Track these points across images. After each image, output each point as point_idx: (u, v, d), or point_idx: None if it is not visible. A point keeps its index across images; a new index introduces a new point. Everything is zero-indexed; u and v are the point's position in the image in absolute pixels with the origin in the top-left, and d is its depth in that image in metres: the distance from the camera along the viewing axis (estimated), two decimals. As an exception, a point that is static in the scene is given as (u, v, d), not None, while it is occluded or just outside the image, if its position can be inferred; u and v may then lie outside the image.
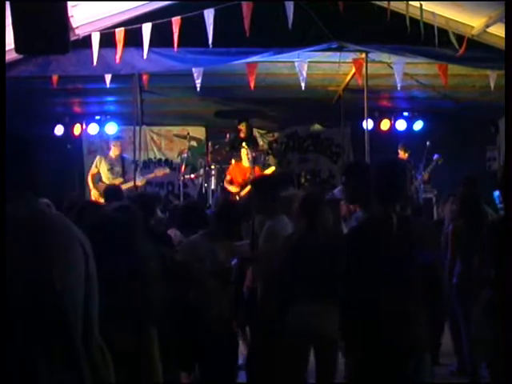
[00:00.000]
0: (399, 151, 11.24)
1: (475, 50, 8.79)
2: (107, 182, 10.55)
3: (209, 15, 7.82)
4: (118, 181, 10.51)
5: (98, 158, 11.12)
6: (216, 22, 7.81)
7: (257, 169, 10.61)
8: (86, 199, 7.27)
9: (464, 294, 5.84)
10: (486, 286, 4.63)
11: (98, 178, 10.76)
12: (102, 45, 8.22)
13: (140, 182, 10.72)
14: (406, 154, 11.22)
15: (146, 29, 8.04)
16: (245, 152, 10.61)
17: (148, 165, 12.83)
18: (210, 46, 7.97)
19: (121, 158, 10.82)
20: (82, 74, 8.94)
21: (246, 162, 10.57)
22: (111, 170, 10.72)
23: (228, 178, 10.79)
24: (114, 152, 10.94)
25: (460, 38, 8.46)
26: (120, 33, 8.17)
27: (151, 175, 11.30)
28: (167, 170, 11.64)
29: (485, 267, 4.41)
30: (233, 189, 10.43)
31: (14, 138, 2.38)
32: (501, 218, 5.09)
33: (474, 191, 6.47)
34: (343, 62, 9.40)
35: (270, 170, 10.79)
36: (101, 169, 10.80)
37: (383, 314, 3.69)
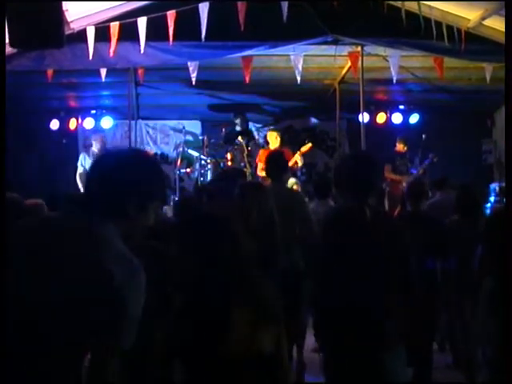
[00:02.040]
0: (398, 144, 11.22)
1: (471, 43, 8.77)
2: None
3: (203, 9, 7.80)
4: None
5: (81, 155, 11.14)
6: (211, 15, 7.79)
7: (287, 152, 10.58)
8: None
9: (459, 288, 5.84)
10: (485, 278, 4.63)
11: (85, 177, 10.70)
12: (97, 39, 8.20)
13: None
14: (405, 148, 11.20)
15: (142, 23, 8.03)
16: (274, 134, 10.49)
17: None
18: (203, 39, 7.95)
19: None
20: (77, 68, 8.92)
21: (274, 143, 10.41)
22: None
23: (260, 166, 10.51)
24: (96, 147, 10.93)
25: (456, 30, 8.45)
26: (115, 27, 8.15)
27: None
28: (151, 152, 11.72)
29: (482, 261, 4.38)
30: None
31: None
32: (501, 209, 5.08)
33: (471, 186, 6.43)
34: (339, 56, 9.38)
35: (306, 147, 10.45)
36: (86, 166, 10.79)
37: (354, 309, 3.69)
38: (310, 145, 10.43)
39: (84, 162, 10.88)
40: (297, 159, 10.11)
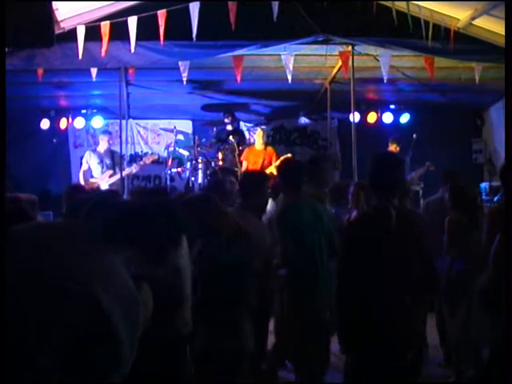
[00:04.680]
0: (390, 145, 11.17)
1: (461, 43, 8.80)
2: (97, 177, 10.58)
3: (194, 8, 7.80)
4: (108, 173, 10.55)
5: (87, 153, 11.13)
6: (202, 15, 7.79)
7: (270, 150, 10.77)
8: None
9: (456, 287, 5.85)
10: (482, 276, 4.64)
11: (89, 174, 10.76)
12: (87, 38, 8.18)
13: (134, 168, 10.76)
14: (398, 149, 11.17)
15: (132, 22, 8.01)
16: (260, 134, 10.88)
17: (135, 158, 12.82)
18: (194, 39, 7.95)
19: (110, 152, 10.82)
20: (68, 67, 8.88)
21: (259, 144, 10.78)
22: (100, 163, 10.73)
23: (245, 164, 10.91)
24: (102, 146, 10.93)
25: (446, 30, 8.49)
26: (105, 26, 8.13)
27: (141, 163, 11.30)
28: (156, 157, 11.69)
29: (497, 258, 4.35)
30: None
31: None
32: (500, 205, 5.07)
33: (462, 183, 6.39)
34: (330, 55, 9.39)
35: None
36: (90, 163, 10.80)
37: (382, 309, 3.68)
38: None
39: (89, 160, 10.88)
40: (272, 170, 10.10)
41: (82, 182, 10.73)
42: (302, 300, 5.19)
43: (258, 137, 11.15)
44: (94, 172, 10.72)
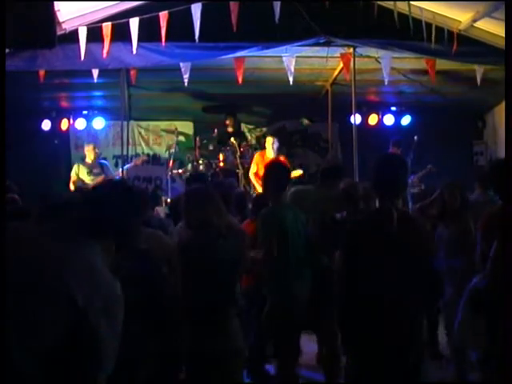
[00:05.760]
0: (391, 148, 11.11)
1: (462, 45, 8.81)
2: (88, 183, 10.63)
3: (196, 10, 7.81)
4: (100, 178, 10.57)
5: (75, 165, 11.18)
6: (204, 16, 7.80)
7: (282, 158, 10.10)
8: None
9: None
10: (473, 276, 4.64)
11: (79, 184, 10.78)
12: (89, 39, 8.19)
13: (118, 173, 10.75)
14: (399, 151, 11.12)
15: (134, 23, 8.02)
16: (270, 141, 10.43)
17: (135, 160, 12.81)
18: (197, 40, 7.96)
19: (99, 164, 10.89)
20: (69, 68, 8.89)
21: (270, 152, 10.34)
22: (90, 173, 10.79)
23: (254, 169, 10.46)
24: (89, 157, 11.03)
25: (448, 32, 8.49)
26: (107, 27, 8.14)
27: (131, 164, 11.33)
28: (145, 158, 11.80)
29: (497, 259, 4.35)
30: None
31: None
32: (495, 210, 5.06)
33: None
34: (331, 57, 9.40)
35: (297, 173, 10.31)
36: (80, 175, 10.84)
37: (384, 309, 3.68)
38: (301, 172, 10.50)
39: (78, 171, 10.92)
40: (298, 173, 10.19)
41: (72, 189, 10.74)
42: (279, 301, 5.21)
43: (268, 145, 10.48)
44: (86, 181, 10.79)
